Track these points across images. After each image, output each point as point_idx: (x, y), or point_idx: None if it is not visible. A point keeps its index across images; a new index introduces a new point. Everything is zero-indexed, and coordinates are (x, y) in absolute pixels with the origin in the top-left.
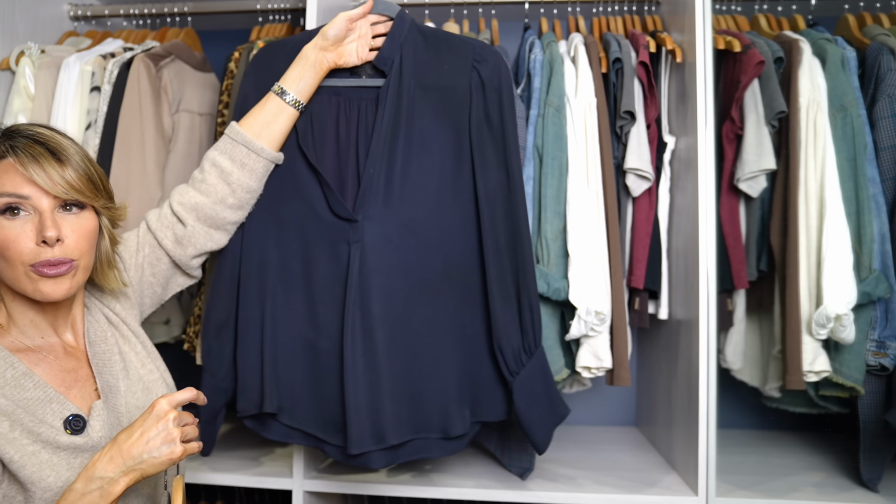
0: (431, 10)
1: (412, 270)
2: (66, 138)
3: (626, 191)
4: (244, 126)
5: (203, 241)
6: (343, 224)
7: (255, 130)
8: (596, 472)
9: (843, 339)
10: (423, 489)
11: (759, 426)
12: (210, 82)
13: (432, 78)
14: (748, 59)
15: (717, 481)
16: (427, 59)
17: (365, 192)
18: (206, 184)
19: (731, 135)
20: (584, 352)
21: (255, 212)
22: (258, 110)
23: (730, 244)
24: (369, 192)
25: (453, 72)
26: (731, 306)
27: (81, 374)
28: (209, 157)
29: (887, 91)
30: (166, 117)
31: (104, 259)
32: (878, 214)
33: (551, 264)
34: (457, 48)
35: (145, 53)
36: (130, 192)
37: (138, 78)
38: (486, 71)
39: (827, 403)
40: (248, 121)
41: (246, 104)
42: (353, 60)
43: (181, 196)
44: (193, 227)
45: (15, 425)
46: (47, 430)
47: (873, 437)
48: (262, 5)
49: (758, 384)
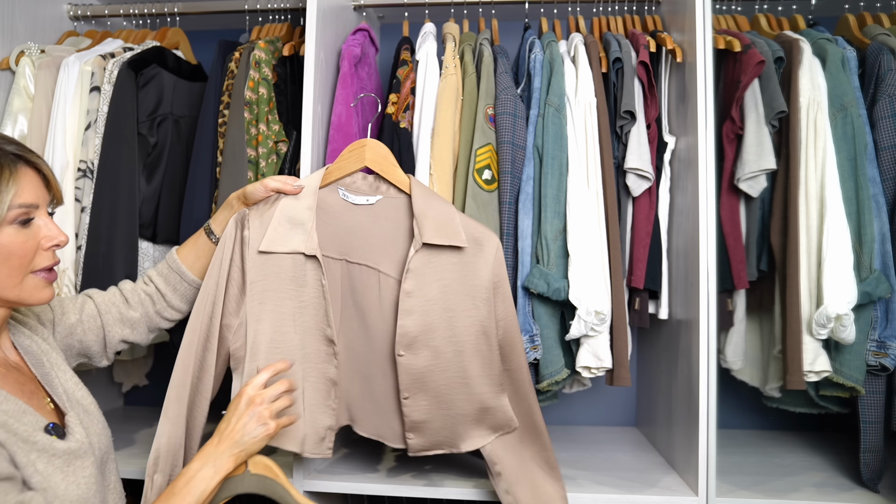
0: (431, 9)
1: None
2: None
3: (626, 191)
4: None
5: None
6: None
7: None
8: (596, 472)
9: (844, 339)
10: (423, 489)
11: (759, 426)
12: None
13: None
14: (748, 59)
15: (717, 481)
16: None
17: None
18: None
19: (731, 135)
20: (584, 352)
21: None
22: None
23: (730, 244)
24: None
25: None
26: (732, 306)
27: (33, 388)
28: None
29: (887, 91)
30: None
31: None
32: (878, 214)
33: (551, 264)
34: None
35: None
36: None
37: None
38: None
39: (827, 403)
40: (183, 251)
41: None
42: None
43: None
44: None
45: (9, 435)
46: (43, 438)
47: (873, 437)
48: (261, 5)
49: (758, 384)
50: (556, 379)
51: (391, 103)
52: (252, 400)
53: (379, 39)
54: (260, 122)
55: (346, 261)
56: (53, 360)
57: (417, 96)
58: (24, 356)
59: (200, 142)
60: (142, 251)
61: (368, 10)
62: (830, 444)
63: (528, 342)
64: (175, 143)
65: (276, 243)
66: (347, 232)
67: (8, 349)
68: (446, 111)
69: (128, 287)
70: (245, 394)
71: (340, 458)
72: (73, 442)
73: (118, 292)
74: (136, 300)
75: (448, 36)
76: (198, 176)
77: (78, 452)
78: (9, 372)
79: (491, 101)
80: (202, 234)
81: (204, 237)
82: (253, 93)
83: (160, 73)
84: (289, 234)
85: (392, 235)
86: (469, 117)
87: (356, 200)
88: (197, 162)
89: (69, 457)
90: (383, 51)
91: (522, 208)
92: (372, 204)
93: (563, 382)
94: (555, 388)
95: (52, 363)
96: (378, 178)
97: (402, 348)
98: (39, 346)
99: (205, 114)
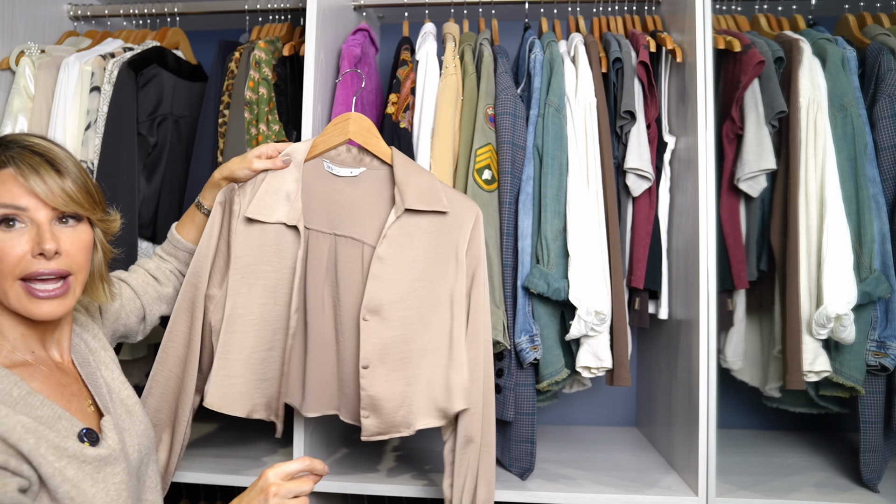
0: (431, 10)
1: None
2: (63, 150)
3: (626, 191)
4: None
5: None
6: None
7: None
8: (596, 472)
9: (844, 339)
10: (423, 489)
11: (759, 426)
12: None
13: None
14: (748, 59)
15: (717, 481)
16: None
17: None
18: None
19: (731, 135)
20: (585, 352)
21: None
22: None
23: (730, 244)
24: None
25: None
26: (731, 306)
27: (75, 390)
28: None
29: (887, 91)
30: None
31: (96, 272)
32: (878, 214)
33: (551, 264)
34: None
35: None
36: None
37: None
38: None
39: (827, 403)
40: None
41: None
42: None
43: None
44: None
45: (41, 441)
46: (73, 445)
47: (873, 437)
48: (261, 5)
49: (758, 384)
50: (556, 379)
51: (391, 103)
52: (267, 488)
53: (379, 39)
54: (260, 122)
55: (334, 234)
56: (101, 359)
57: (417, 96)
58: (72, 354)
59: (201, 142)
60: (142, 251)
61: (368, 10)
62: (830, 444)
63: (528, 342)
64: (175, 143)
65: (262, 213)
66: (334, 205)
67: (63, 351)
68: (446, 111)
69: (151, 266)
70: (266, 477)
71: (340, 458)
72: (105, 448)
73: (145, 272)
74: (164, 277)
75: (448, 36)
76: (198, 176)
77: (109, 459)
78: (52, 373)
79: (491, 101)
80: (194, 209)
81: (198, 213)
82: (253, 93)
83: (160, 73)
84: (275, 204)
85: (375, 206)
86: (469, 117)
87: (340, 172)
88: (197, 162)
89: (100, 463)
90: (383, 51)
91: (522, 208)
92: (356, 176)
93: (563, 382)
94: (555, 388)
95: (98, 361)
96: (362, 150)
97: (367, 313)
98: (88, 345)
99: (205, 114)
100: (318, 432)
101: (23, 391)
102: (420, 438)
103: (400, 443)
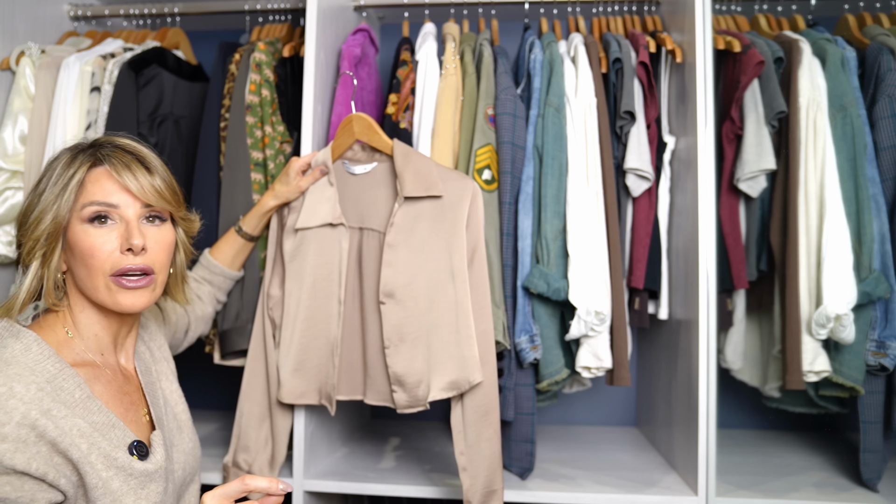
0: (431, 10)
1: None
2: (150, 149)
3: (626, 191)
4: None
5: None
6: None
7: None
8: (596, 472)
9: (843, 339)
10: (423, 489)
11: (759, 426)
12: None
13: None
14: (748, 59)
15: (717, 481)
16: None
17: None
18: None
19: (731, 135)
20: (584, 352)
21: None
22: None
23: (730, 244)
24: None
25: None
26: (731, 306)
27: (134, 399)
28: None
29: (887, 91)
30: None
31: (178, 273)
32: (878, 214)
33: (551, 264)
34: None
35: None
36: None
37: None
38: None
39: (827, 403)
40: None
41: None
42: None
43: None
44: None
45: (92, 448)
46: (123, 456)
47: (873, 437)
48: (262, 6)
49: (758, 384)
50: (556, 379)
51: (391, 103)
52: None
53: (379, 40)
54: (265, 124)
55: (360, 228)
56: (162, 370)
57: (417, 96)
58: (135, 361)
59: (205, 147)
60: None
61: (368, 10)
62: (830, 444)
63: (528, 342)
64: (175, 143)
65: (309, 219)
66: (357, 201)
67: (128, 357)
68: (446, 111)
69: (193, 285)
70: (203, 501)
71: (340, 458)
72: (152, 464)
73: (191, 289)
74: (207, 297)
75: (448, 36)
76: (203, 181)
77: (154, 476)
78: (115, 378)
79: (491, 101)
80: (234, 233)
81: (237, 237)
82: (255, 96)
83: (160, 73)
84: (318, 208)
85: (386, 197)
86: (469, 117)
87: (357, 170)
88: (202, 166)
89: (145, 479)
90: (383, 51)
91: (522, 208)
92: (369, 171)
93: (563, 382)
94: (555, 388)
95: (159, 372)
96: (372, 146)
97: (384, 297)
98: (153, 354)
99: (208, 118)
100: (318, 432)
101: (84, 394)
102: (420, 438)
103: (400, 443)
